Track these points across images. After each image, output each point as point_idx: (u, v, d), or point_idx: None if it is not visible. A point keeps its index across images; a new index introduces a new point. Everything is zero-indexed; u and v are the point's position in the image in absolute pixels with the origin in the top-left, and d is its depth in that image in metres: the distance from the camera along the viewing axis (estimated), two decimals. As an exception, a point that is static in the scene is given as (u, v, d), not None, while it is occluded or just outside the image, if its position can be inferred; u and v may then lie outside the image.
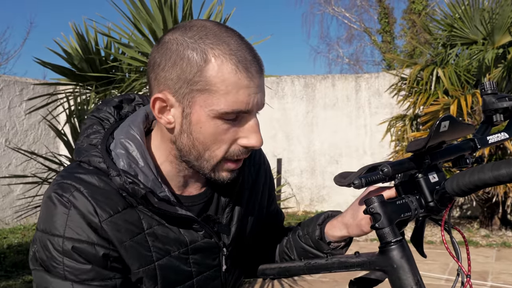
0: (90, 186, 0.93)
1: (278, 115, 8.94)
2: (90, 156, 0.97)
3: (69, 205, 0.91)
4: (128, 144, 0.98)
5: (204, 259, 1.04)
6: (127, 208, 0.95)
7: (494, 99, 0.98)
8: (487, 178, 0.80)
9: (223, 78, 0.89)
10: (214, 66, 0.89)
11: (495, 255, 5.89)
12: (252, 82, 0.91)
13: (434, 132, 0.83)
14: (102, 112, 1.06)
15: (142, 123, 1.02)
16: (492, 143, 0.97)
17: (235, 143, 0.95)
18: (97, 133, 1.01)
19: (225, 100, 0.90)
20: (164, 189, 0.98)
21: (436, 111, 6.43)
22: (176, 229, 1.00)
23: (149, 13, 3.76)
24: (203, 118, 0.92)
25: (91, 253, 0.92)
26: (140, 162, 0.97)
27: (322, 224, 1.12)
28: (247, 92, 0.90)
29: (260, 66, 0.93)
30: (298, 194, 8.95)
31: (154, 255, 0.97)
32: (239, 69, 0.89)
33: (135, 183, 0.93)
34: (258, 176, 1.19)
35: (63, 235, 0.91)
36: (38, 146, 8.00)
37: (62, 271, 0.91)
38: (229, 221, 1.08)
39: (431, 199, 0.89)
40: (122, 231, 0.94)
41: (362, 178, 0.86)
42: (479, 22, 6.68)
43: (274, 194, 1.28)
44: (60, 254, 0.91)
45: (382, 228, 0.86)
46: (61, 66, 4.28)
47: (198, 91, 0.90)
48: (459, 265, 0.90)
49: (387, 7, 17.32)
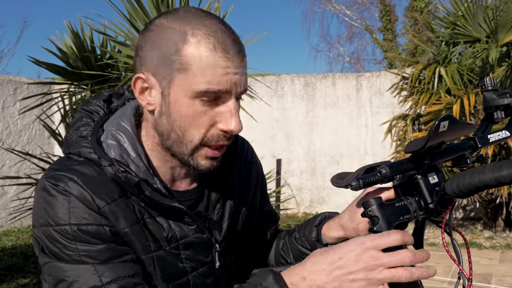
0: (83, 176, 0.93)
1: (277, 115, 8.91)
2: (80, 147, 0.96)
3: (67, 193, 0.91)
4: (120, 136, 0.98)
5: (196, 255, 1.04)
6: (122, 196, 0.95)
7: (495, 95, 0.97)
8: (488, 179, 0.79)
9: (199, 57, 0.90)
10: (191, 45, 0.91)
11: (499, 257, 5.87)
12: (230, 62, 0.91)
13: (433, 132, 0.82)
14: (91, 105, 1.06)
15: (133, 116, 1.03)
16: (493, 142, 0.96)
17: (214, 127, 0.95)
18: (86, 125, 1.01)
19: (202, 79, 0.90)
20: (155, 181, 0.98)
21: (438, 111, 6.40)
22: (166, 224, 1.00)
23: (145, 11, 3.75)
24: (181, 98, 0.93)
25: (101, 233, 0.91)
26: (131, 153, 0.97)
27: (319, 226, 1.12)
28: (224, 72, 0.91)
29: (239, 48, 0.93)
30: (298, 195, 8.93)
31: (151, 245, 0.97)
32: (217, 48, 0.90)
33: (127, 171, 0.93)
34: (250, 174, 1.19)
35: (69, 222, 0.90)
36: (32, 147, 7.94)
37: (78, 256, 0.90)
38: (221, 217, 1.09)
39: (430, 200, 0.88)
40: (119, 219, 0.94)
41: (359, 179, 0.85)
42: (483, 20, 6.63)
43: (267, 195, 1.27)
44: (72, 241, 0.90)
45: (380, 231, 0.84)
46: (55, 65, 4.26)
47: (177, 71, 0.92)
48: (460, 268, 0.89)
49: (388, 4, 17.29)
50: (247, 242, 1.19)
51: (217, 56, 0.90)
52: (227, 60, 0.91)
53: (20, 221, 7.54)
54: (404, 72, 7.29)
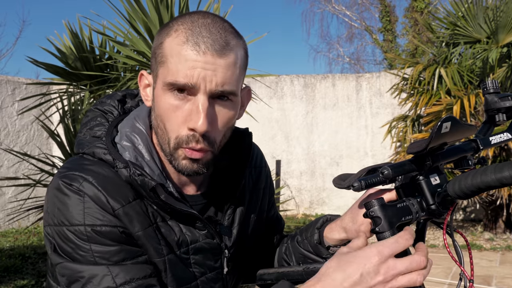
0: (99, 176, 0.93)
1: (277, 116, 8.90)
2: (94, 147, 0.96)
3: (82, 193, 0.91)
4: (134, 138, 0.99)
5: (205, 260, 1.04)
6: (137, 199, 0.95)
7: (497, 98, 0.97)
8: (490, 180, 0.79)
9: (171, 49, 0.92)
10: (170, 38, 0.93)
11: (499, 259, 5.86)
12: (200, 56, 0.90)
13: (436, 134, 0.82)
14: (105, 105, 1.06)
15: (148, 117, 1.03)
16: (495, 144, 0.97)
17: (184, 126, 0.94)
18: (100, 125, 1.01)
19: (171, 69, 0.91)
20: (169, 184, 0.98)
21: (438, 112, 6.38)
22: (177, 228, 1.00)
23: (145, 11, 3.75)
24: (159, 92, 0.94)
25: (116, 235, 0.91)
26: (146, 156, 0.98)
27: (321, 228, 1.12)
28: (191, 65, 0.90)
29: (218, 46, 0.91)
30: (297, 196, 8.91)
31: (163, 248, 0.97)
32: (188, 41, 0.90)
33: (143, 175, 0.93)
34: (259, 179, 1.19)
35: (83, 223, 0.90)
36: (30, 147, 7.94)
37: (92, 257, 0.90)
38: (231, 223, 1.09)
39: (432, 201, 0.88)
40: (133, 222, 0.94)
41: (361, 180, 0.85)
42: (483, 20, 6.62)
43: (274, 199, 1.28)
44: (86, 241, 0.90)
45: (382, 232, 0.84)
46: (54, 65, 4.27)
47: (159, 64, 0.94)
48: (462, 269, 0.89)
49: (388, 5, 17.29)
50: (253, 246, 1.19)
51: (187, 49, 0.90)
52: (196, 54, 0.90)
53: (18, 222, 7.54)
54: (404, 73, 7.28)
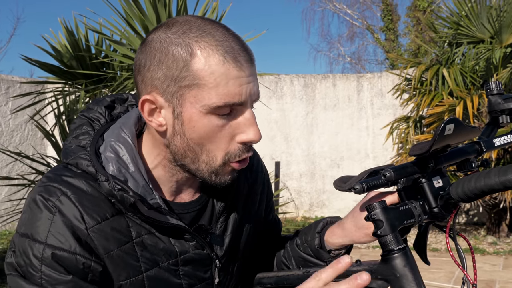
0: (77, 191, 0.92)
1: (276, 116, 8.87)
2: (78, 158, 0.95)
3: (54, 210, 0.90)
4: (119, 148, 0.97)
5: (195, 271, 1.03)
6: (116, 215, 0.94)
7: (500, 99, 0.97)
8: (493, 183, 0.79)
9: (211, 70, 0.88)
10: (200, 59, 0.88)
11: (503, 263, 5.84)
12: (242, 72, 0.89)
13: (439, 136, 0.82)
14: (92, 112, 1.04)
15: (134, 125, 1.01)
16: (498, 146, 0.96)
17: (233, 141, 0.93)
18: (86, 134, 1.00)
19: (216, 93, 0.89)
20: (155, 196, 0.96)
21: (441, 113, 6.36)
22: (166, 238, 0.98)
23: (142, 9, 3.75)
24: (195, 116, 0.91)
25: (72, 263, 0.89)
26: (130, 167, 0.96)
27: (321, 232, 1.12)
28: (238, 83, 0.89)
29: (249, 55, 0.92)
30: (297, 199, 8.90)
31: (142, 265, 0.96)
32: (227, 59, 0.88)
33: (124, 189, 0.91)
34: (255, 184, 1.18)
35: (45, 241, 0.89)
36: (25, 147, 7.87)
37: (39, 279, 0.89)
38: (223, 231, 1.07)
39: (435, 204, 0.88)
40: (109, 239, 0.92)
41: (363, 183, 0.84)
42: (486, 20, 6.61)
43: (272, 203, 1.27)
44: (39, 261, 0.89)
45: (384, 235, 0.84)
46: (49, 64, 4.27)
47: (187, 87, 0.90)
48: (465, 273, 0.89)
49: (390, 4, 17.31)
50: (250, 253, 1.17)
51: (228, 67, 0.88)
52: (239, 70, 0.89)
53: (12, 224, 7.42)
54: (407, 73, 7.27)
